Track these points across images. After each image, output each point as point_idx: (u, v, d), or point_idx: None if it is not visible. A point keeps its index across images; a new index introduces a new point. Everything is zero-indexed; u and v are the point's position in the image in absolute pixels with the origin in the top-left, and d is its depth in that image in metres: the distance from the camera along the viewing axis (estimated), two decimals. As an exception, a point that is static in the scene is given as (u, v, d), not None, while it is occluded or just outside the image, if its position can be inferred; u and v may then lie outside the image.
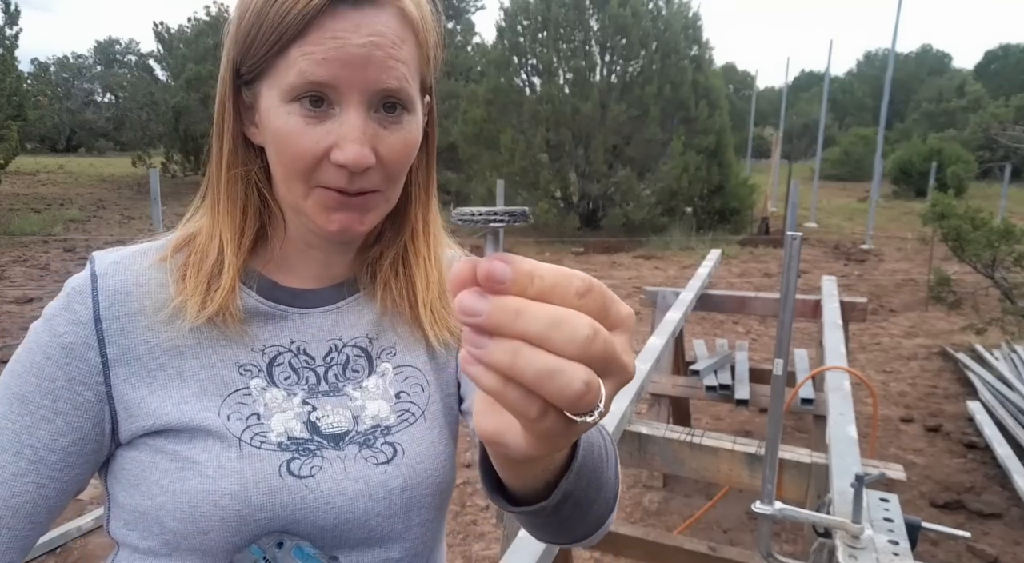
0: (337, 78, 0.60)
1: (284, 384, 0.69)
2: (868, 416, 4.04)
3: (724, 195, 14.31)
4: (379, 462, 0.69)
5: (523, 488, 0.50)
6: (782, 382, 1.50)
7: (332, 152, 0.61)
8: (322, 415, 0.69)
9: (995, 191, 18.17)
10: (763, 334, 6.77)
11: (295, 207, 0.66)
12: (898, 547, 1.35)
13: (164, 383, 0.65)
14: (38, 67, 33.83)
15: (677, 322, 3.29)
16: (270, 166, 0.67)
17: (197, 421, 0.64)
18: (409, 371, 0.74)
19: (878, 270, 10.43)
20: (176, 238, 0.71)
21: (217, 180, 0.68)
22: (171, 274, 0.68)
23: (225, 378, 0.67)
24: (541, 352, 0.33)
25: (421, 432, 0.72)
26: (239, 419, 0.66)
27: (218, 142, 0.67)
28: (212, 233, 0.69)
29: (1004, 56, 55.03)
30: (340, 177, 0.62)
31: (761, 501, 1.49)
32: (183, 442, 0.64)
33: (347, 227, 0.65)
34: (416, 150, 0.68)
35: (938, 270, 6.15)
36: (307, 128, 0.61)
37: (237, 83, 0.66)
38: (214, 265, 0.67)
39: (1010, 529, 3.33)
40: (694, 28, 14.02)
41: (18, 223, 12.24)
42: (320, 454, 0.67)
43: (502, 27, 14.27)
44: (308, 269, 0.73)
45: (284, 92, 0.61)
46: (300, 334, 0.71)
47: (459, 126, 15.01)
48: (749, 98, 31.48)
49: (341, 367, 0.71)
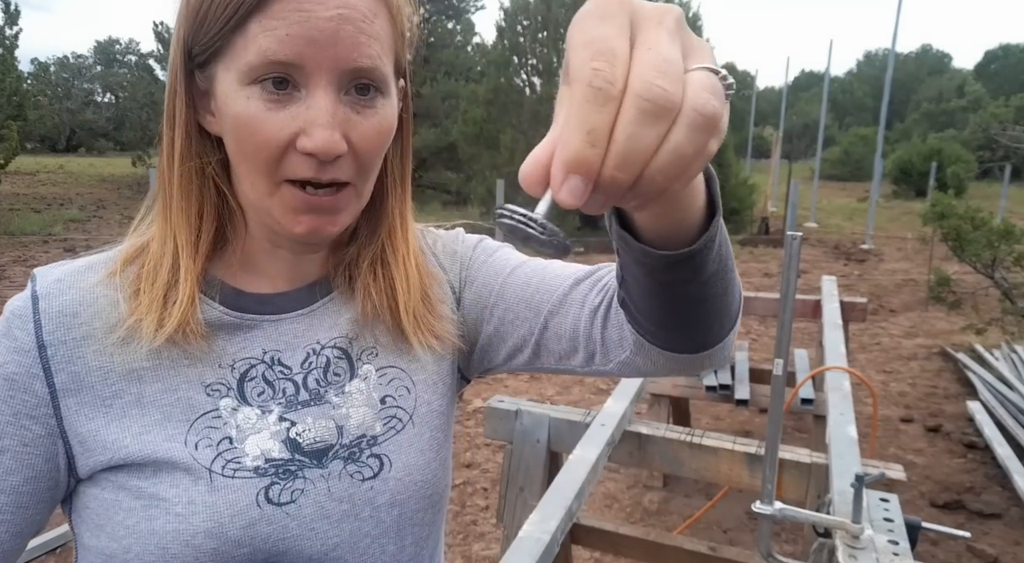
0: (302, 56, 0.53)
1: (257, 401, 0.62)
2: (868, 416, 4.03)
3: (724, 195, 14.26)
4: (365, 477, 0.64)
5: (665, 239, 0.48)
6: (782, 382, 1.50)
7: (299, 139, 0.55)
8: (303, 429, 0.63)
9: (995, 191, 18.17)
10: (763, 334, 6.77)
11: (259, 205, 0.60)
12: (898, 547, 1.35)
13: (122, 412, 0.59)
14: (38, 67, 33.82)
15: (677, 322, 3.29)
16: (230, 159, 0.60)
17: (161, 453, 0.58)
18: (393, 372, 0.69)
19: (878, 270, 10.43)
20: (126, 249, 0.64)
21: (169, 177, 0.61)
22: (122, 291, 0.61)
23: (191, 401, 0.60)
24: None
25: (409, 439, 0.67)
26: (209, 446, 0.60)
27: (169, 133, 0.60)
28: (165, 237, 0.61)
29: (1004, 56, 55.06)
30: (308, 167, 0.56)
31: (761, 501, 1.49)
32: (147, 477, 0.58)
33: (316, 229, 0.59)
34: (391, 137, 0.62)
35: (938, 270, 6.15)
36: (269, 113, 0.55)
37: (189, 66, 0.58)
38: (170, 275, 0.60)
39: (1010, 529, 3.33)
40: (694, 28, 14.01)
41: (18, 223, 12.24)
42: (301, 475, 0.61)
43: (502, 27, 14.28)
44: (276, 270, 0.66)
45: (242, 73, 0.54)
46: (273, 343, 0.64)
47: (459, 126, 15.01)
48: (749, 98, 31.48)
49: (322, 371, 0.65)
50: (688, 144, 0.32)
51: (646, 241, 0.48)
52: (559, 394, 5.01)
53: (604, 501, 3.59)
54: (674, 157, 0.32)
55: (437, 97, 18.12)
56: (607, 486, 3.71)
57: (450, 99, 17.55)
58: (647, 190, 0.33)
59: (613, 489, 3.70)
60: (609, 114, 0.31)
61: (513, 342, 0.71)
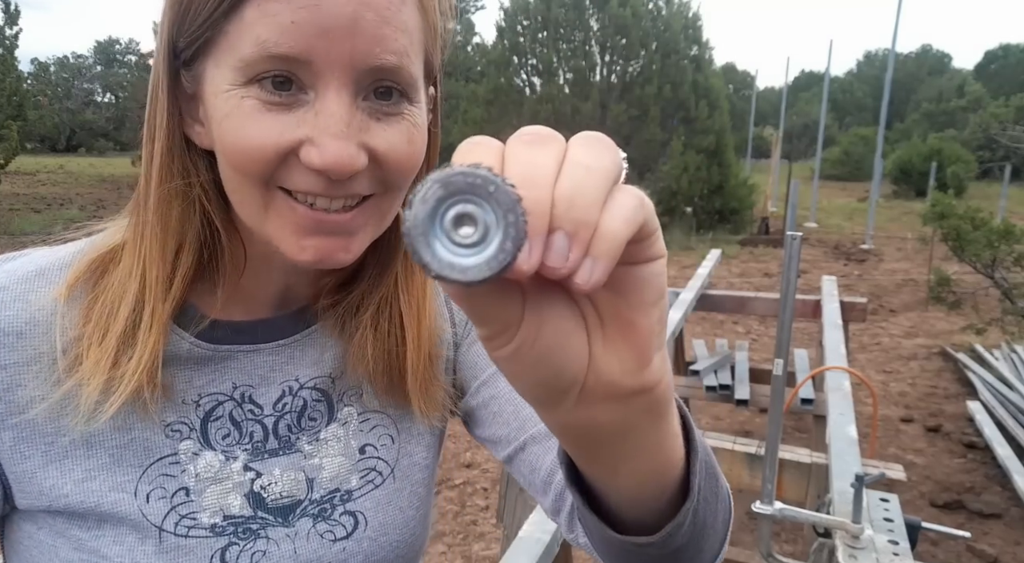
0: (311, 50, 0.43)
1: (222, 445, 0.54)
2: (868, 416, 4.03)
3: (724, 195, 14.32)
4: (336, 538, 0.56)
5: (629, 502, 0.39)
6: (782, 382, 1.50)
7: (303, 149, 0.44)
8: (268, 483, 0.55)
9: (995, 191, 18.17)
10: (763, 334, 6.77)
11: (252, 228, 0.49)
12: (898, 547, 1.35)
13: (64, 452, 0.50)
14: (38, 67, 33.84)
15: (677, 322, 3.29)
16: (223, 173, 0.49)
17: (106, 505, 0.50)
18: (377, 419, 0.60)
19: (878, 270, 10.43)
20: (89, 256, 0.52)
21: (145, 198, 0.50)
22: (72, 312, 0.50)
23: (147, 443, 0.52)
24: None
25: (388, 496, 0.59)
26: (162, 498, 0.52)
27: (149, 147, 0.49)
28: (131, 269, 0.50)
29: (1004, 56, 55.08)
30: (314, 181, 0.46)
31: (761, 501, 1.49)
32: (90, 529, 0.50)
33: (326, 256, 0.48)
34: (423, 152, 0.50)
35: (938, 270, 6.15)
36: (266, 115, 0.44)
37: (174, 65, 0.48)
38: (128, 320, 0.49)
39: (1010, 529, 3.33)
40: (694, 28, 14.03)
41: (18, 223, 12.24)
42: (264, 535, 0.54)
43: (502, 27, 14.28)
44: (264, 294, 0.56)
45: (236, 70, 0.44)
46: (246, 377, 0.55)
47: (459, 126, 15.01)
48: (749, 98, 31.49)
49: (295, 415, 0.57)
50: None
51: (610, 506, 0.40)
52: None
53: (604, 501, 3.59)
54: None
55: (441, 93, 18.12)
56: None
57: (450, 99, 17.55)
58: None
59: (613, 489, 3.69)
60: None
61: (491, 433, 0.62)
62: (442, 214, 0.25)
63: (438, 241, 0.25)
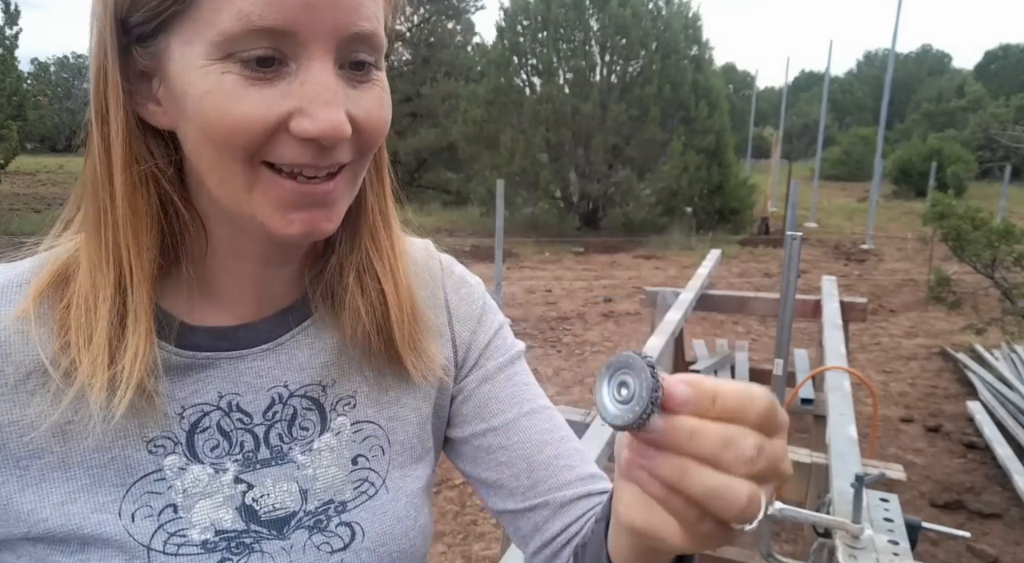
0: (296, 22, 0.43)
1: (210, 457, 0.52)
2: (868, 416, 4.03)
3: (724, 195, 14.32)
4: (334, 549, 0.55)
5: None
6: (782, 382, 1.50)
7: (292, 120, 0.44)
8: (260, 494, 0.53)
9: (995, 191, 18.17)
10: (763, 334, 6.77)
11: (232, 207, 0.48)
12: (898, 547, 1.35)
13: (40, 475, 0.48)
14: (38, 67, 33.86)
15: (677, 322, 3.29)
16: (189, 154, 0.48)
17: (88, 527, 0.48)
18: (369, 429, 0.59)
19: (878, 270, 10.43)
20: (50, 268, 0.51)
21: (107, 187, 0.47)
22: (45, 326, 0.49)
23: (128, 461, 0.50)
24: (709, 471, 0.34)
25: (383, 505, 0.58)
26: (149, 517, 0.50)
27: (102, 131, 0.47)
28: (101, 263, 0.48)
29: (1004, 56, 55.08)
30: (303, 152, 0.46)
31: (761, 501, 1.49)
32: (72, 554, 0.48)
33: (312, 228, 0.48)
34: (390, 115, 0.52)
35: (938, 270, 6.14)
36: (251, 90, 0.44)
37: (123, 41, 0.46)
38: (113, 315, 0.48)
39: (1010, 529, 3.33)
40: (694, 28, 14.03)
41: (18, 223, 12.24)
42: (259, 548, 0.52)
43: (502, 27, 14.28)
44: (240, 293, 0.55)
45: (213, 45, 0.43)
46: (232, 385, 0.53)
47: (459, 126, 15.02)
48: (749, 98, 31.48)
49: (286, 424, 0.55)
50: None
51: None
52: (559, 394, 5.01)
53: (604, 501, 3.59)
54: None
55: (437, 97, 18.12)
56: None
57: (450, 99, 17.54)
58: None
59: (613, 489, 3.69)
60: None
61: (486, 476, 0.63)
62: (610, 380, 0.36)
63: (607, 398, 0.36)
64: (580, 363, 5.85)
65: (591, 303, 8.01)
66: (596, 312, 7.59)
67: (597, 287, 8.87)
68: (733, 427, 0.34)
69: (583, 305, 7.91)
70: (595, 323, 7.14)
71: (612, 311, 7.64)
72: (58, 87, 34.69)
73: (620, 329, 6.94)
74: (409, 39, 19.92)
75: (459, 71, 19.19)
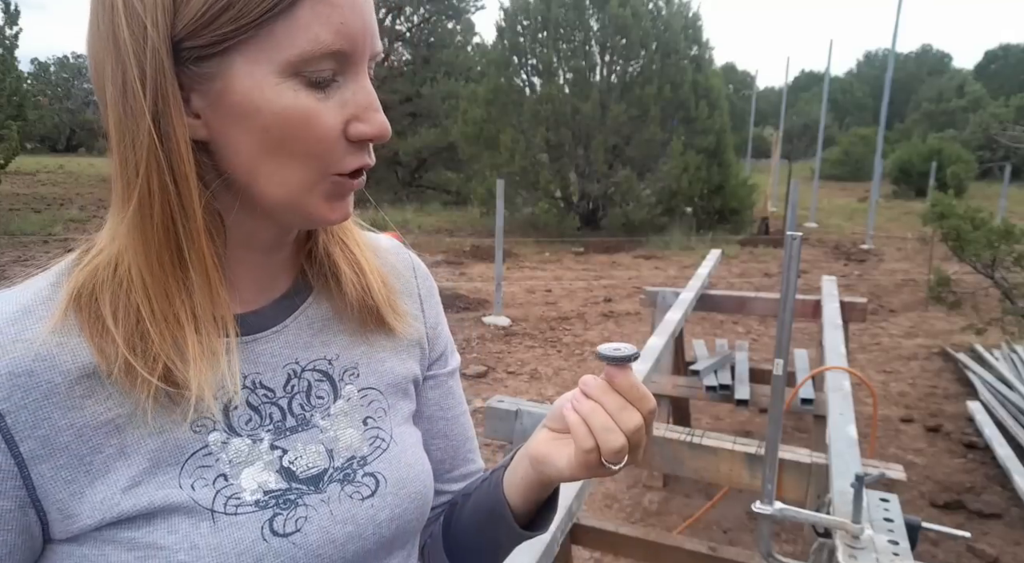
0: (354, 45, 0.52)
1: (246, 430, 0.59)
2: (868, 416, 4.03)
3: (724, 195, 14.31)
4: (364, 496, 0.63)
5: (520, 508, 0.70)
6: (782, 382, 1.50)
7: (350, 126, 0.54)
8: (295, 457, 0.61)
9: (995, 191, 18.17)
10: (763, 334, 6.77)
11: (288, 202, 0.55)
12: (898, 547, 1.35)
13: (104, 467, 0.53)
14: (38, 67, 33.85)
15: (677, 322, 3.29)
16: (233, 161, 0.54)
17: (157, 501, 0.54)
18: (373, 395, 0.68)
19: (878, 270, 10.43)
20: (72, 282, 0.55)
21: (175, 198, 0.52)
22: (81, 335, 0.53)
23: (177, 441, 0.56)
24: (608, 418, 0.58)
25: (395, 456, 0.67)
26: (205, 486, 0.56)
27: (160, 149, 0.51)
28: (162, 270, 0.54)
29: (1004, 56, 55.09)
30: (359, 156, 0.56)
31: (761, 501, 1.49)
32: (140, 527, 0.53)
33: (347, 213, 0.59)
34: None
35: (938, 270, 6.14)
36: (320, 104, 0.52)
37: (180, 61, 0.51)
38: (169, 324, 0.54)
39: (1010, 529, 3.33)
40: (694, 28, 14.02)
41: (18, 223, 12.24)
42: (302, 502, 0.60)
43: (502, 27, 14.27)
44: (248, 280, 0.62)
45: (288, 64, 0.50)
46: (252, 365, 0.61)
47: (459, 126, 15.01)
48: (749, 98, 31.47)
49: (304, 395, 0.63)
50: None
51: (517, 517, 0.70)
52: (559, 394, 5.01)
53: (604, 501, 3.59)
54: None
55: (437, 97, 18.11)
56: (607, 486, 3.71)
57: (450, 99, 17.54)
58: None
59: (613, 489, 3.70)
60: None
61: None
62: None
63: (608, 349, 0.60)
64: (580, 363, 5.85)
65: (591, 303, 8.01)
66: (596, 312, 7.59)
67: (597, 287, 8.86)
68: (632, 406, 0.59)
69: (583, 305, 7.91)
70: (595, 323, 7.14)
71: (612, 311, 7.64)
72: (58, 87, 34.63)
73: (620, 329, 6.94)
74: (409, 39, 19.92)
75: (459, 71, 19.19)
